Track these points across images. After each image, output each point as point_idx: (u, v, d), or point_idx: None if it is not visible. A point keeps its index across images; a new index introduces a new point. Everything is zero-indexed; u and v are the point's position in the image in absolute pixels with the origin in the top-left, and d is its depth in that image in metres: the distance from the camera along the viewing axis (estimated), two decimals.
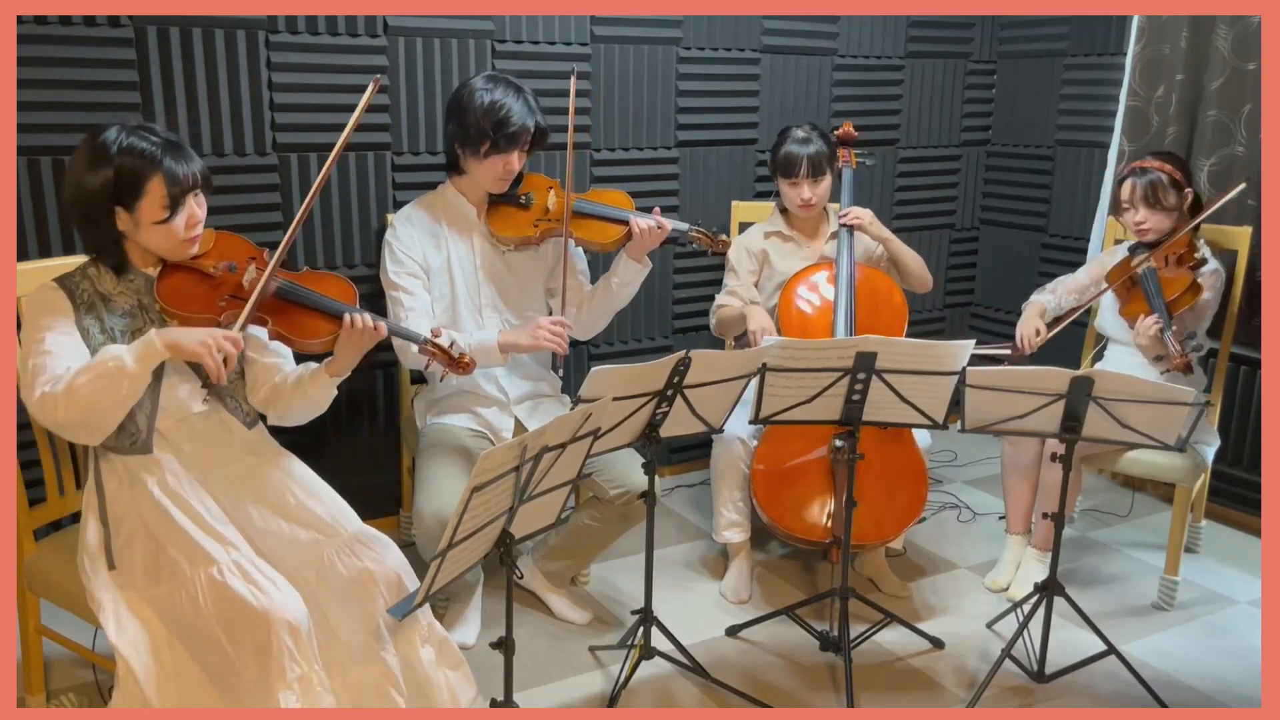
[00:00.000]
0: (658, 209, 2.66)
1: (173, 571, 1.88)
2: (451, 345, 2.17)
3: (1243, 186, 2.82)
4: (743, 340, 2.98)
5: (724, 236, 2.68)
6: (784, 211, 3.15)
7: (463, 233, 2.69)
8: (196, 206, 2.01)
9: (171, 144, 1.97)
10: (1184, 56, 3.33)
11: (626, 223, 2.62)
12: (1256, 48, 3.17)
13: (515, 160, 2.60)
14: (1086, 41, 3.82)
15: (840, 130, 3.16)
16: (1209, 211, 2.88)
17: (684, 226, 2.67)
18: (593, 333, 2.83)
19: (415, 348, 2.20)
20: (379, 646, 1.99)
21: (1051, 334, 2.97)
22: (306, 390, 2.11)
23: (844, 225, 2.98)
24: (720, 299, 3.10)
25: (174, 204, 1.96)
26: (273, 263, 2.06)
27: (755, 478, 2.81)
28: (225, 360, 1.90)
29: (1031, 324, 2.99)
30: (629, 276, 2.69)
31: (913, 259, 3.06)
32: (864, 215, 3.00)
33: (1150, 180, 2.85)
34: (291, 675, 1.81)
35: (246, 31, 2.78)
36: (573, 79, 2.67)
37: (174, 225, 1.98)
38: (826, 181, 3.01)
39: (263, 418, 2.20)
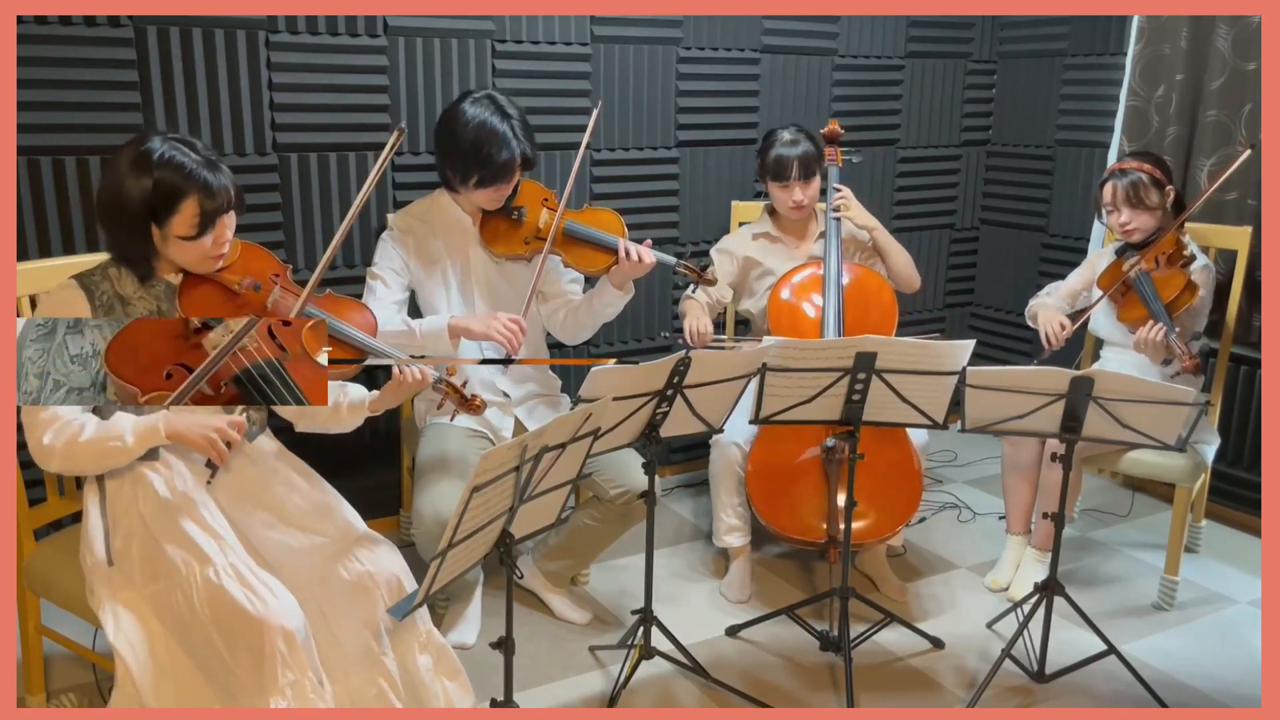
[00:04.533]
0: (649, 241, 2.65)
1: (170, 569, 1.88)
2: (464, 385, 2.18)
3: (1247, 153, 2.79)
4: (743, 335, 2.98)
5: (711, 271, 2.69)
6: (772, 213, 3.15)
7: (459, 241, 2.70)
8: (226, 226, 2.02)
9: (210, 162, 1.98)
10: (1184, 56, 3.33)
11: (616, 251, 2.63)
12: (1256, 48, 3.17)
13: (506, 188, 2.63)
14: (1086, 41, 3.82)
15: (827, 129, 3.15)
16: (1215, 186, 2.83)
17: (671, 260, 2.66)
18: (577, 340, 2.83)
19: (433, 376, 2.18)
20: (379, 650, 1.99)
21: (1076, 326, 2.92)
22: (344, 416, 2.19)
23: (833, 208, 2.99)
24: (689, 290, 3.10)
25: (204, 224, 1.96)
26: (306, 291, 2.04)
27: (749, 480, 2.81)
28: (229, 444, 1.93)
29: (1055, 318, 2.94)
30: (610, 299, 2.70)
31: (900, 254, 3.08)
32: (848, 195, 3.02)
33: (1131, 181, 2.85)
34: (284, 680, 1.81)
35: (246, 31, 2.78)
36: (595, 113, 2.74)
37: (202, 243, 1.98)
38: (816, 182, 3.02)
39: (272, 421, 2.20)
